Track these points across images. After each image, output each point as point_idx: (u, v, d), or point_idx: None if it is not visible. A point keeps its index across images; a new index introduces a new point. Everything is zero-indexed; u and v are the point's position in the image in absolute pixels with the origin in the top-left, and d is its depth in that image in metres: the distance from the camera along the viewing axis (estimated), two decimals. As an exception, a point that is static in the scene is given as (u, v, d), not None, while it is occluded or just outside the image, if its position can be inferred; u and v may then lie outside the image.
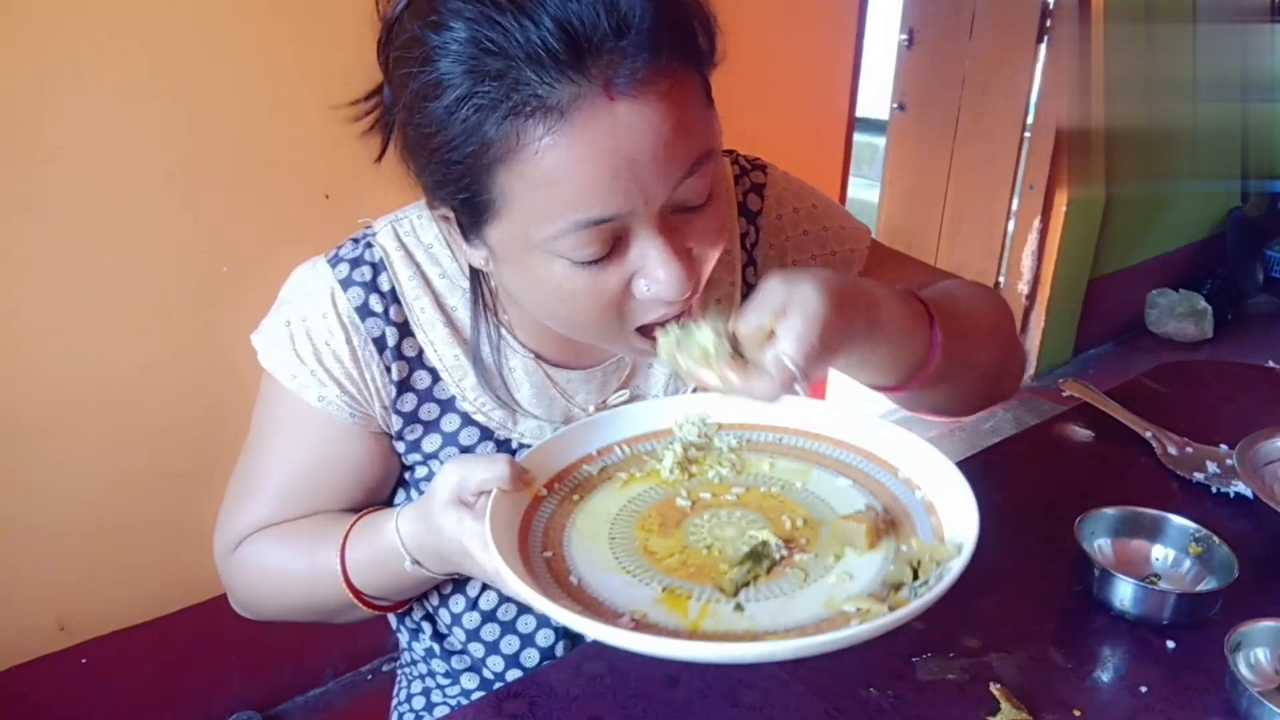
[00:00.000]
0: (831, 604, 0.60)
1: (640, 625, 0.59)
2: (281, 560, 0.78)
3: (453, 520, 0.64)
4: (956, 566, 0.57)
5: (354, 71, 0.69)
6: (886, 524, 0.67)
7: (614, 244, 0.61)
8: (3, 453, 1.44)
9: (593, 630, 0.54)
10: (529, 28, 0.54)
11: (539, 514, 0.69)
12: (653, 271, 0.62)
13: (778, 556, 0.64)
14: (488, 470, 0.63)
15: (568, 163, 0.56)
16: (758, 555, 0.64)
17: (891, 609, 0.56)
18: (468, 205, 0.62)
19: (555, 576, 0.63)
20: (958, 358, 0.74)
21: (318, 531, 0.77)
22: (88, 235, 1.41)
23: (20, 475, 1.46)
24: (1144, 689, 0.71)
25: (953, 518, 0.64)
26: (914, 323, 0.70)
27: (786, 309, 0.60)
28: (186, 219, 1.49)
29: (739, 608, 0.60)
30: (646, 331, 0.68)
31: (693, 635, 0.58)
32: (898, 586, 0.61)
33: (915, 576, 0.61)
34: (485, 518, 0.62)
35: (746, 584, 0.62)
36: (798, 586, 0.62)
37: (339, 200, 1.60)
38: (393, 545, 0.70)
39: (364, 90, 0.70)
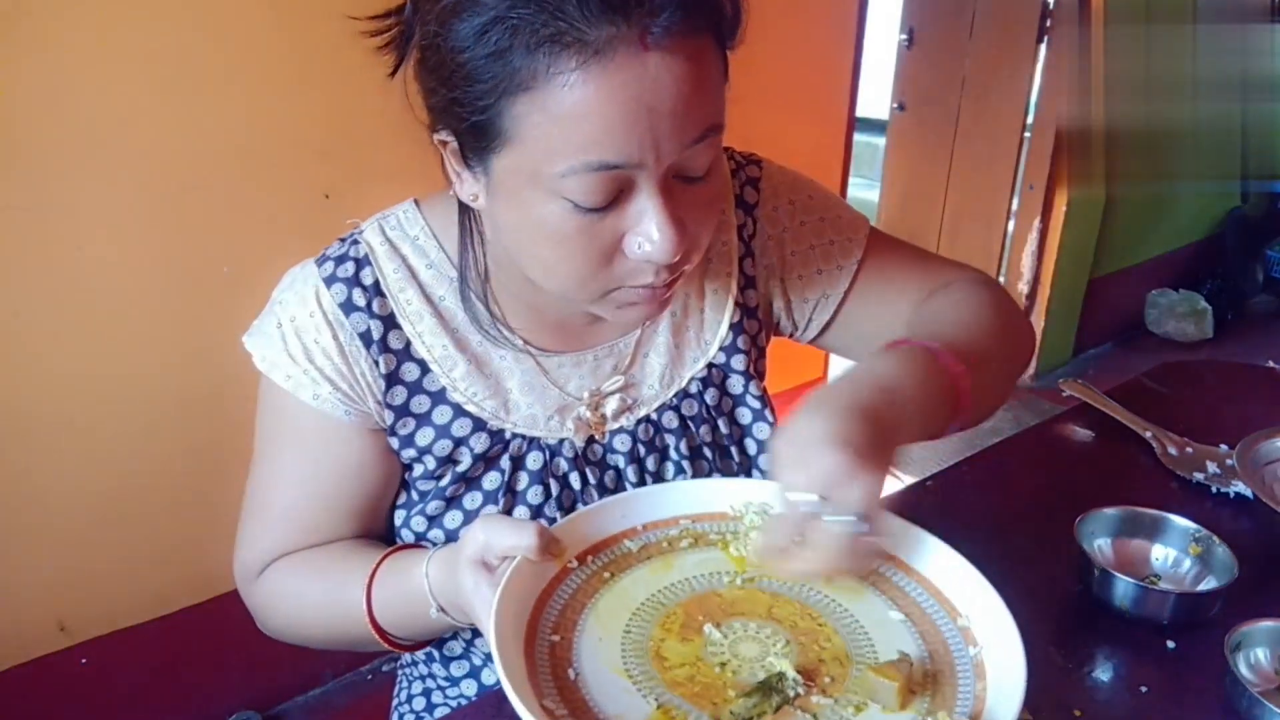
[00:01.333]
0: None
1: None
2: (307, 596, 0.79)
3: (470, 581, 0.63)
4: None
5: (354, 73, 0.69)
6: (926, 678, 0.60)
7: (615, 196, 0.62)
8: (3, 452, 1.44)
9: None
10: None
11: (562, 588, 0.65)
12: (647, 230, 0.62)
13: (791, 695, 0.58)
14: (514, 537, 0.62)
15: (592, 101, 0.57)
16: (769, 689, 0.58)
17: None
18: (476, 130, 0.62)
19: (553, 666, 0.60)
20: (980, 390, 0.72)
21: (346, 568, 0.77)
22: (88, 236, 1.41)
23: (20, 475, 1.46)
24: (1144, 689, 0.71)
25: (998, 690, 0.58)
26: (937, 398, 0.67)
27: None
28: (187, 219, 1.49)
29: None
30: (626, 298, 0.68)
31: None
32: None
33: None
34: (499, 587, 0.59)
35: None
36: None
37: (339, 200, 1.59)
38: (420, 590, 0.70)
39: (366, 92, 0.70)
